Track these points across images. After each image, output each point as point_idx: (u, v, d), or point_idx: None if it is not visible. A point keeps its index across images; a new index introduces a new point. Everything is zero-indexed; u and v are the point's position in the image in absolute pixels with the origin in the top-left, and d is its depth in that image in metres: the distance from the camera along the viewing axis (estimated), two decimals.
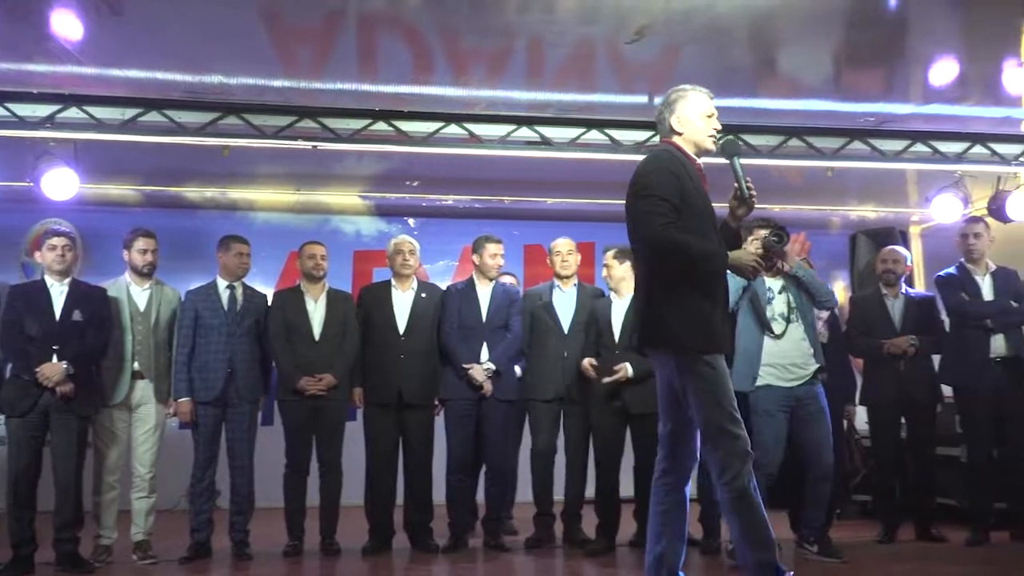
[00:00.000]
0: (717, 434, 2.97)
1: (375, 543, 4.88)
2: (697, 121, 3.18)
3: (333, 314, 4.95)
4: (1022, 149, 6.18)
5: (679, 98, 3.23)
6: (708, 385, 2.99)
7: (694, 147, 3.20)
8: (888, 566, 4.31)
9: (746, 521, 2.96)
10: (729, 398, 3.00)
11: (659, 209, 3.00)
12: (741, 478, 2.94)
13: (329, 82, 5.13)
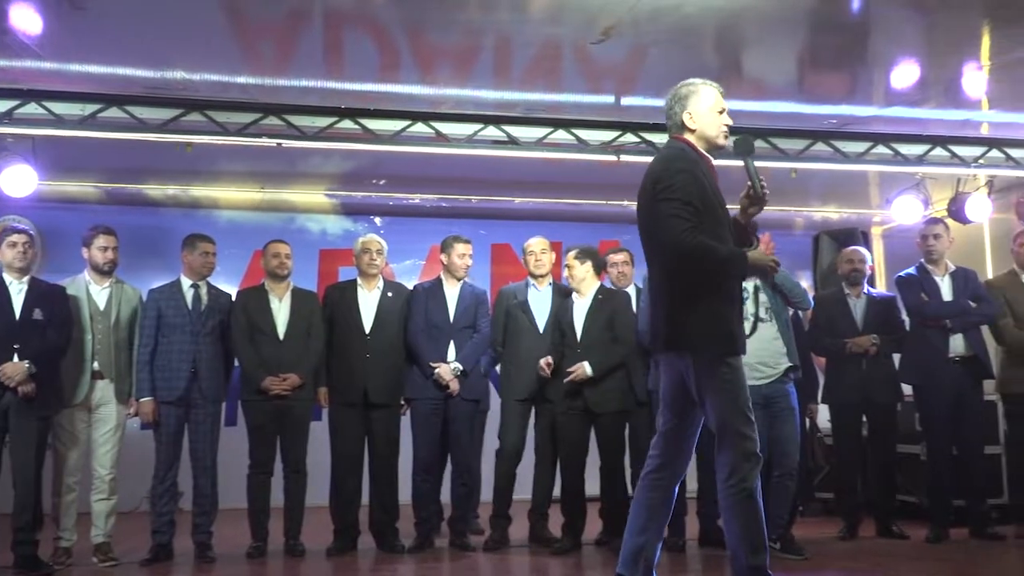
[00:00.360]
0: (731, 436, 2.95)
1: (340, 544, 4.84)
2: (709, 116, 3.12)
3: (298, 313, 4.91)
4: (981, 152, 6.31)
5: (690, 93, 3.16)
6: (727, 386, 2.96)
7: (705, 143, 3.14)
8: (849, 563, 4.37)
9: (746, 524, 2.96)
10: (745, 399, 2.98)
11: (683, 213, 2.95)
12: (748, 481, 2.94)
13: (294, 79, 5.08)
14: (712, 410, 2.99)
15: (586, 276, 4.90)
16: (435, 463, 5.05)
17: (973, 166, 6.33)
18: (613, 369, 4.77)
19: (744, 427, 2.96)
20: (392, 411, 4.96)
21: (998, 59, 4.89)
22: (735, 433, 2.95)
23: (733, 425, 2.95)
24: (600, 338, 4.80)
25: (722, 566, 4.31)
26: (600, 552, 4.74)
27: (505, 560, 4.68)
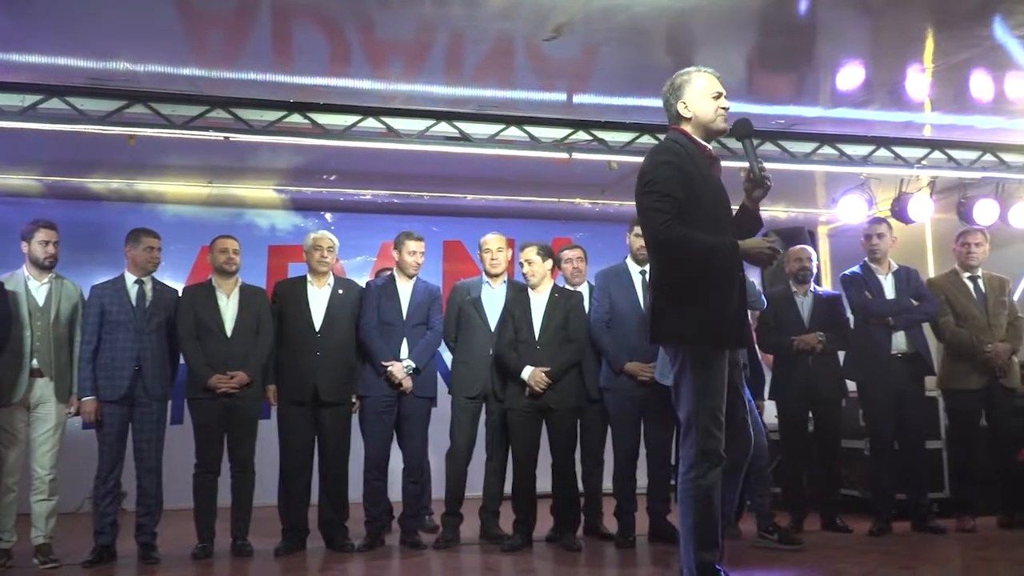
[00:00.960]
0: (696, 432, 2.97)
1: (289, 543, 4.78)
2: (705, 102, 3.10)
3: (246, 310, 4.83)
4: (924, 153, 6.46)
5: (684, 82, 3.14)
6: (699, 383, 2.98)
7: (703, 131, 3.12)
8: (795, 555, 4.43)
9: (698, 519, 2.99)
10: (716, 399, 2.97)
11: (662, 205, 2.97)
12: (706, 478, 2.97)
13: (242, 72, 4.99)
14: (683, 402, 3.01)
15: (541, 270, 4.91)
16: (386, 461, 5.01)
17: (916, 167, 6.48)
18: (570, 368, 4.79)
19: (711, 426, 2.97)
20: (342, 409, 4.91)
21: (941, 62, 5.00)
22: (700, 429, 2.97)
23: (700, 422, 2.97)
24: (556, 336, 4.81)
25: (671, 562, 4.36)
26: (551, 548, 4.75)
27: (456, 558, 4.66)
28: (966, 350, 5.20)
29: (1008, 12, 4.37)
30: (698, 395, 2.99)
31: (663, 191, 2.98)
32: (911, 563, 4.09)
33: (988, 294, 5.32)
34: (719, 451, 2.99)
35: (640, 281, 4.99)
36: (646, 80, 5.28)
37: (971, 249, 5.37)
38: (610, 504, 4.99)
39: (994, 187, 6.65)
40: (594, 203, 7.65)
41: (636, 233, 5.00)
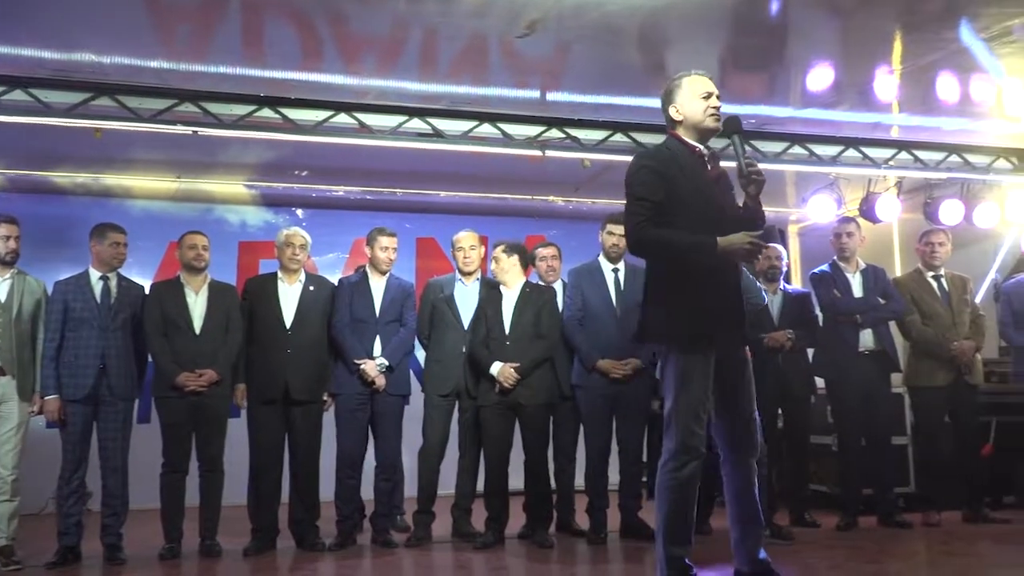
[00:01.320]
0: (676, 427, 3.03)
1: (258, 543, 4.73)
2: (694, 103, 3.17)
3: (215, 307, 4.77)
4: (891, 154, 6.54)
5: (674, 87, 3.23)
6: (677, 377, 3.05)
7: (695, 133, 3.19)
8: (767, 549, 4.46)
9: (671, 513, 3.04)
10: (697, 397, 3.02)
11: (637, 209, 3.08)
12: (682, 472, 3.01)
13: (212, 65, 4.92)
14: (666, 396, 3.08)
15: (511, 268, 4.90)
16: (359, 459, 4.98)
17: (883, 167, 6.56)
18: (540, 364, 4.78)
19: (690, 423, 3.02)
20: (313, 407, 4.87)
21: (909, 64, 5.06)
22: (680, 424, 3.03)
23: (680, 419, 3.03)
24: (527, 332, 4.81)
25: (643, 558, 4.38)
26: (523, 546, 4.76)
27: (428, 556, 4.65)
28: (932, 348, 5.27)
29: (974, 15, 4.44)
30: (678, 391, 3.04)
31: (639, 194, 3.09)
32: (877, 557, 4.15)
33: (951, 293, 5.40)
34: (698, 447, 3.03)
35: (612, 279, 5.01)
36: (619, 78, 5.32)
37: (935, 249, 5.45)
38: (582, 501, 5.00)
39: (959, 188, 6.76)
40: (567, 201, 7.66)
41: (609, 231, 5.02)
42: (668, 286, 3.11)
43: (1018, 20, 4.43)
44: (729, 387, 3.15)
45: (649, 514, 4.93)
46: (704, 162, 3.19)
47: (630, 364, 4.85)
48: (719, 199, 3.17)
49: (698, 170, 3.16)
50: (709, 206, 3.12)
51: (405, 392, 5.03)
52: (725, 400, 3.14)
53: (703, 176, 3.16)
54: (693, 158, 3.17)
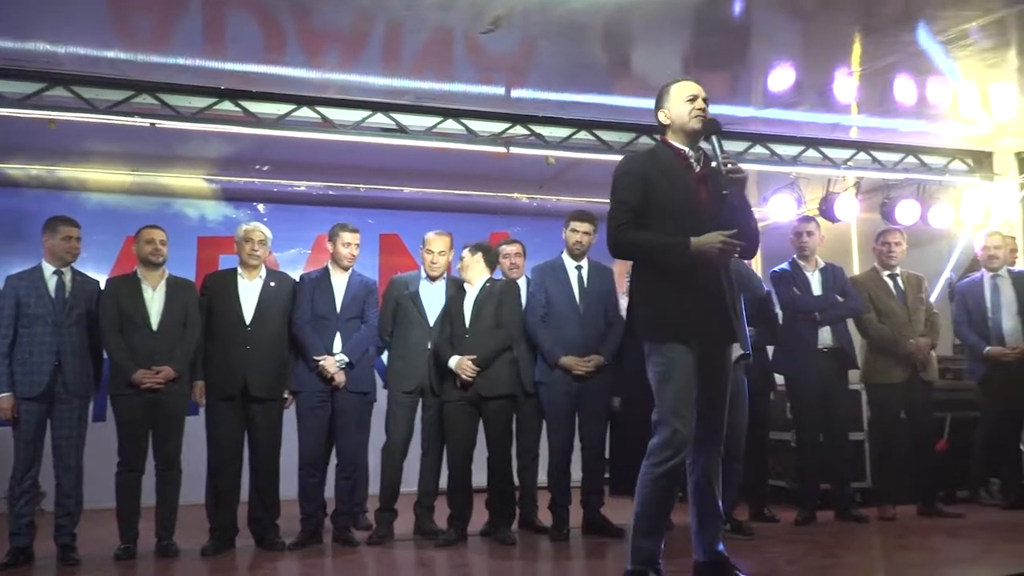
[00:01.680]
0: (659, 423, 3.13)
1: (217, 543, 4.66)
2: (679, 106, 3.27)
3: (173, 303, 4.69)
4: (850, 154, 6.65)
5: (663, 93, 3.35)
6: (657, 374, 3.16)
7: (682, 135, 3.30)
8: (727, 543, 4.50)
9: (648, 506, 3.14)
10: (678, 392, 3.11)
11: (615, 212, 3.22)
12: (662, 467, 3.09)
13: (171, 56, 4.85)
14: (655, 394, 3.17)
15: (474, 266, 4.89)
16: (321, 457, 4.93)
17: (842, 167, 6.67)
18: (498, 353, 4.76)
19: (671, 418, 3.10)
20: (273, 405, 4.80)
21: (867, 66, 5.15)
22: (662, 422, 3.12)
23: (661, 414, 3.13)
24: (487, 325, 4.80)
25: (605, 554, 4.40)
26: (486, 543, 4.75)
27: (389, 554, 4.62)
28: (888, 345, 5.37)
29: (931, 18, 4.53)
30: (660, 387, 3.14)
31: (618, 198, 3.23)
32: (834, 551, 4.21)
33: (907, 291, 5.50)
34: (678, 443, 3.09)
35: (576, 276, 5.02)
36: (584, 76, 5.33)
37: (891, 248, 5.54)
38: (545, 498, 5.01)
39: (915, 188, 6.88)
40: (532, 198, 7.67)
41: (572, 228, 5.03)
42: (649, 286, 3.23)
43: (975, 23, 4.52)
44: (709, 383, 3.22)
45: (611, 510, 4.99)
46: (690, 164, 3.27)
47: (593, 361, 4.86)
48: (703, 200, 3.23)
49: (682, 172, 3.25)
50: (691, 207, 3.20)
51: (366, 390, 4.99)
52: (702, 394, 3.21)
53: (687, 178, 3.24)
54: (678, 161, 3.28)
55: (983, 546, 4.21)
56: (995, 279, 5.69)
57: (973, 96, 5.67)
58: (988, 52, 4.91)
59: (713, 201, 3.24)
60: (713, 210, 3.22)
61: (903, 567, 3.78)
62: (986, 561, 3.82)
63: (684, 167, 3.26)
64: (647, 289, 3.23)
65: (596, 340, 4.94)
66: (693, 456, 3.24)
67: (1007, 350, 5.50)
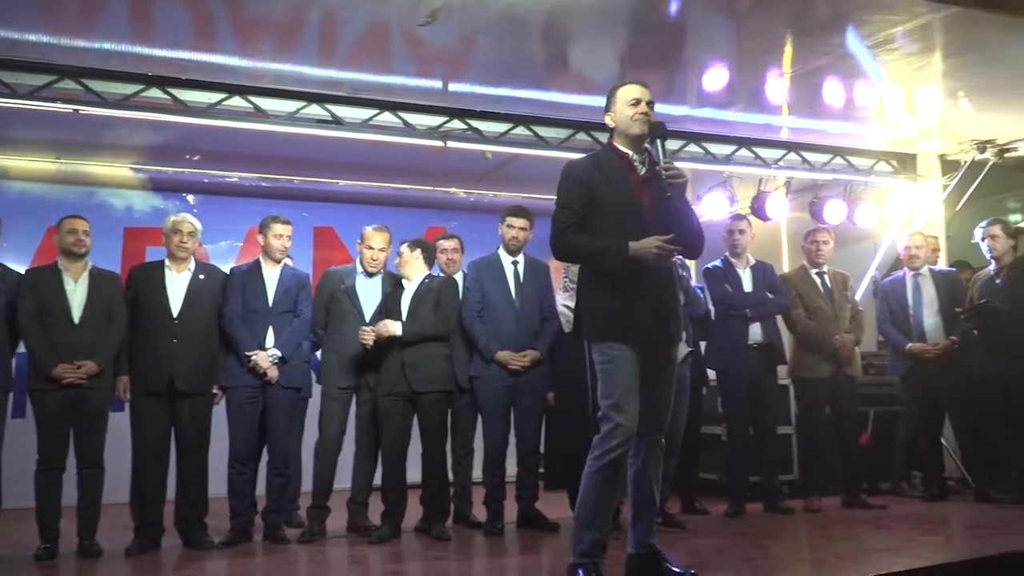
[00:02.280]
0: (602, 415, 3.21)
1: (141, 542, 4.53)
2: (623, 110, 3.33)
3: (96, 295, 4.54)
4: (781, 154, 6.79)
5: (610, 96, 3.41)
6: (600, 371, 3.24)
7: (626, 139, 3.36)
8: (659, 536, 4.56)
9: (591, 497, 3.20)
10: (619, 386, 3.17)
11: (558, 216, 3.30)
12: (604, 459, 3.16)
13: (96, 41, 4.68)
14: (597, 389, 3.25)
15: (412, 261, 4.85)
16: (252, 454, 4.84)
17: (773, 167, 6.81)
18: (427, 339, 4.70)
19: (612, 412, 3.17)
20: (201, 400, 4.69)
21: (798, 67, 5.26)
22: (605, 416, 3.19)
23: (603, 408, 3.20)
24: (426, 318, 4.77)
25: (540, 549, 4.42)
26: (419, 539, 4.72)
27: (321, 551, 4.56)
28: (816, 341, 5.50)
29: (860, 22, 4.64)
30: (602, 383, 3.22)
31: (561, 202, 3.31)
32: (763, 542, 4.30)
33: (834, 289, 5.65)
34: (624, 436, 3.16)
35: (512, 271, 5.03)
36: (522, 71, 5.33)
37: (819, 247, 5.69)
38: (480, 493, 5.00)
39: (843, 188, 7.07)
40: (469, 193, 7.65)
41: (508, 224, 5.03)
42: (591, 286, 3.31)
43: (901, 28, 4.66)
44: (653, 381, 3.29)
45: (546, 505, 5.01)
46: (633, 167, 3.33)
47: (528, 356, 4.88)
48: (646, 203, 3.28)
49: (624, 176, 3.30)
50: (634, 210, 3.26)
51: (299, 385, 4.92)
52: (646, 391, 3.26)
53: (630, 181, 3.30)
54: (621, 164, 3.33)
55: (904, 537, 4.34)
56: (917, 278, 5.87)
57: (899, 99, 5.84)
58: (913, 56, 5.06)
59: (657, 203, 3.28)
60: (658, 212, 3.27)
61: (828, 558, 3.88)
62: (907, 552, 3.94)
63: (627, 170, 3.32)
64: (592, 290, 3.30)
65: (532, 335, 4.96)
66: (634, 449, 3.30)
67: (928, 347, 5.68)
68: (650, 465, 3.34)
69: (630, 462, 3.33)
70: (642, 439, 3.30)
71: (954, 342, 5.61)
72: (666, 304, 3.33)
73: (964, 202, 6.95)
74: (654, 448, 3.35)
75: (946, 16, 4.51)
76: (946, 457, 6.08)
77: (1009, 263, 5.48)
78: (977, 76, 5.36)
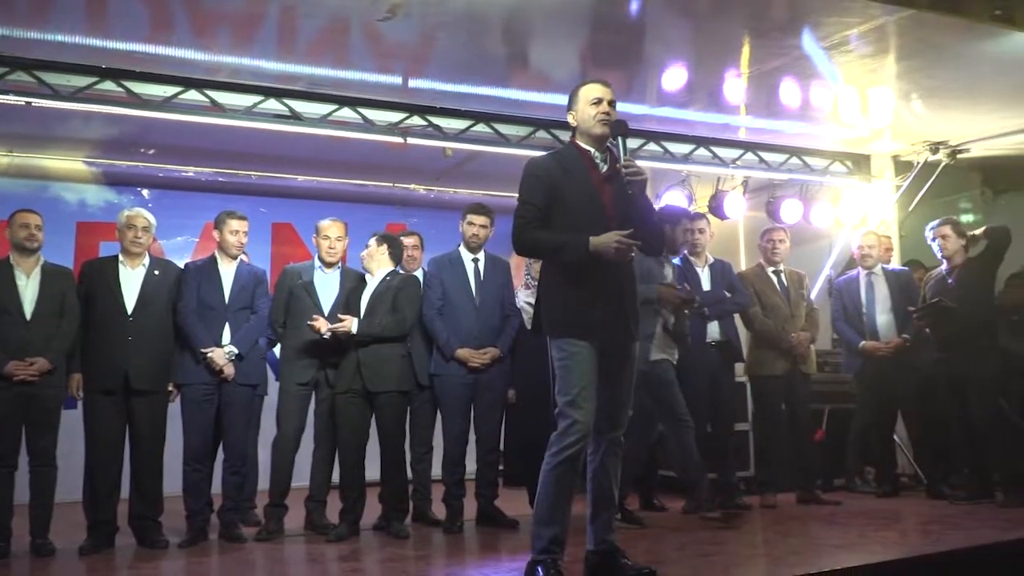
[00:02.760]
0: (559, 412, 3.22)
1: (95, 541, 4.46)
2: (585, 109, 3.34)
3: (48, 291, 4.46)
4: (739, 154, 6.87)
5: (572, 96, 3.42)
6: (557, 367, 3.25)
7: (588, 137, 3.37)
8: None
9: (547, 494, 3.22)
10: (575, 383, 3.19)
11: (520, 211, 3.30)
12: (561, 455, 3.18)
13: (49, 33, 4.58)
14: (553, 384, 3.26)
15: (378, 256, 4.83)
16: (208, 452, 4.78)
17: (731, 167, 6.89)
18: (381, 340, 4.68)
19: (567, 408, 3.19)
20: (156, 398, 4.62)
21: (755, 68, 5.32)
22: (562, 412, 3.20)
23: (560, 405, 3.21)
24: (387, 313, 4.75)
25: (498, 547, 4.42)
26: (378, 537, 4.70)
27: (279, 550, 4.52)
28: (772, 339, 5.58)
29: (816, 24, 4.71)
30: (560, 379, 3.23)
31: (523, 198, 3.31)
32: (720, 538, 4.34)
33: (790, 287, 5.73)
34: (577, 433, 3.17)
35: (472, 269, 5.02)
36: (482, 68, 5.33)
37: (775, 246, 5.76)
38: (439, 490, 4.99)
39: (799, 188, 7.17)
40: (429, 189, 7.62)
41: (469, 221, 5.03)
42: (552, 281, 3.32)
43: (856, 30, 4.73)
44: (612, 377, 3.31)
45: (505, 502, 5.02)
46: (595, 164, 3.36)
47: (488, 353, 4.88)
48: (607, 200, 3.31)
49: (586, 173, 3.33)
50: (595, 207, 3.29)
51: (256, 382, 4.87)
52: (605, 388, 3.29)
53: (592, 179, 3.32)
54: (583, 162, 3.35)
55: (859, 532, 4.41)
56: (870, 277, 5.98)
57: (853, 100, 5.94)
58: (868, 58, 5.15)
59: (619, 201, 3.31)
60: (620, 209, 3.30)
61: (784, 553, 3.93)
62: (861, 548, 4.00)
63: (589, 167, 3.35)
64: (553, 286, 3.31)
65: (492, 333, 4.96)
66: (593, 446, 3.33)
67: (880, 345, 5.80)
68: (609, 462, 3.36)
69: (589, 459, 3.34)
70: (601, 436, 3.32)
71: (906, 340, 5.72)
72: (626, 301, 3.35)
73: (917, 202, 7.09)
74: (613, 446, 3.37)
75: (900, 18, 4.59)
76: (899, 454, 6.21)
77: (960, 263, 5.54)
78: (930, 78, 5.47)
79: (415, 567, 4.03)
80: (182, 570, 4.12)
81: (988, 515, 4.74)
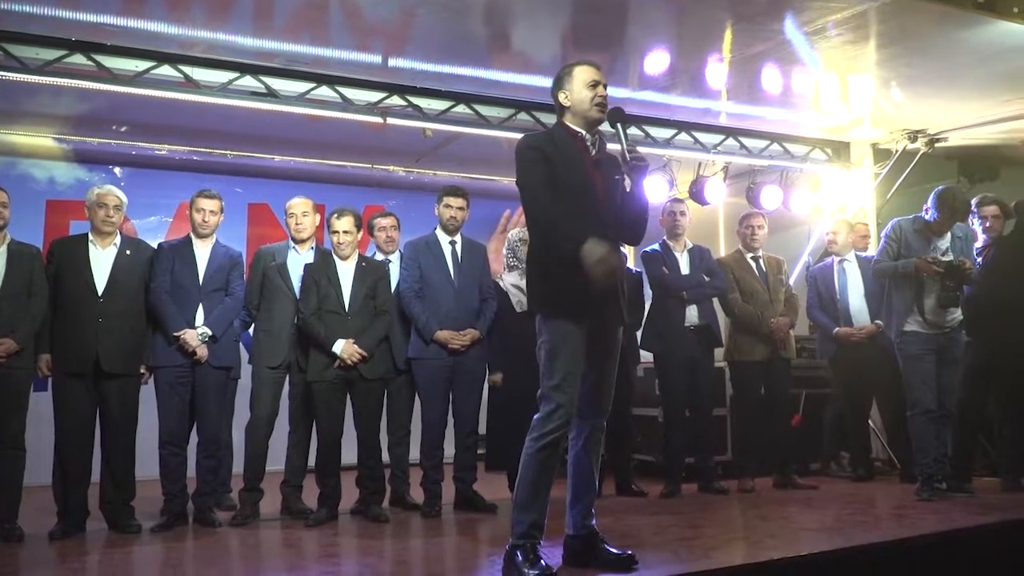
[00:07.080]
0: (541, 396, 3.16)
1: (66, 526, 4.38)
2: (581, 91, 3.26)
3: (16, 270, 4.34)
4: (720, 139, 6.85)
5: (565, 74, 3.32)
6: (547, 350, 3.16)
7: (581, 120, 3.29)
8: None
9: (527, 479, 3.16)
10: (563, 366, 3.12)
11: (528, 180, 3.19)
12: (544, 439, 3.13)
13: (16, 3, 4.44)
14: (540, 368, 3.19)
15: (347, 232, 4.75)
16: (184, 435, 4.70)
17: (712, 152, 6.87)
18: (379, 342, 4.72)
19: (551, 392, 3.13)
20: (128, 381, 4.53)
21: (737, 53, 5.29)
22: (546, 396, 3.14)
23: (544, 388, 3.15)
24: (365, 306, 4.72)
25: (477, 531, 4.40)
26: (355, 521, 4.66)
27: (254, 535, 4.46)
28: (751, 324, 5.58)
29: (798, 9, 4.69)
30: (549, 359, 3.16)
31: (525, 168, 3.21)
32: (698, 522, 4.35)
33: (768, 273, 5.74)
34: (560, 417, 3.12)
35: (450, 251, 4.98)
36: (463, 49, 5.25)
37: (754, 231, 5.77)
38: (417, 474, 4.96)
39: (779, 175, 7.18)
40: (408, 171, 7.54)
41: (446, 204, 4.98)
42: (542, 260, 3.23)
43: (837, 16, 4.71)
44: (598, 360, 3.26)
45: (485, 486, 4.99)
46: (586, 147, 3.29)
47: (468, 335, 4.84)
48: (597, 183, 3.26)
49: (578, 155, 3.26)
50: (586, 189, 3.23)
51: (229, 364, 4.79)
52: (591, 371, 3.25)
53: (583, 161, 3.26)
54: (575, 143, 3.28)
55: (835, 516, 4.44)
56: (843, 263, 6.01)
57: (833, 88, 5.94)
58: (849, 45, 5.14)
59: (608, 185, 3.28)
60: (609, 194, 3.26)
61: (762, 537, 3.94)
62: (837, 531, 4.03)
63: (581, 150, 3.29)
64: (544, 265, 3.23)
65: (471, 315, 4.92)
66: (576, 431, 3.30)
67: (854, 330, 5.83)
68: (591, 447, 3.33)
69: (571, 444, 3.32)
70: (585, 421, 3.29)
71: (879, 326, 5.74)
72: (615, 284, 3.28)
73: (895, 190, 7.12)
74: (596, 431, 3.34)
75: (882, 5, 4.58)
76: (873, 438, 6.25)
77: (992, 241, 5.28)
78: (910, 66, 5.48)
79: (393, 551, 4.00)
80: (156, 555, 4.05)
81: (962, 500, 4.78)
